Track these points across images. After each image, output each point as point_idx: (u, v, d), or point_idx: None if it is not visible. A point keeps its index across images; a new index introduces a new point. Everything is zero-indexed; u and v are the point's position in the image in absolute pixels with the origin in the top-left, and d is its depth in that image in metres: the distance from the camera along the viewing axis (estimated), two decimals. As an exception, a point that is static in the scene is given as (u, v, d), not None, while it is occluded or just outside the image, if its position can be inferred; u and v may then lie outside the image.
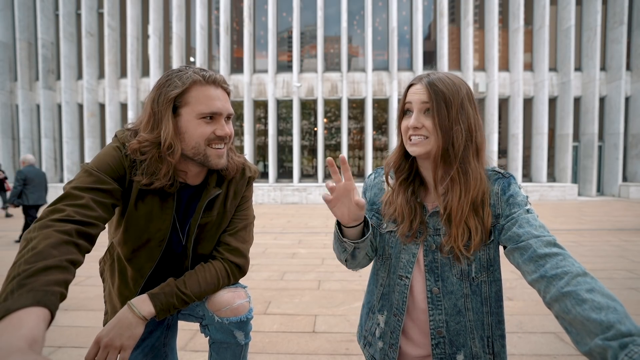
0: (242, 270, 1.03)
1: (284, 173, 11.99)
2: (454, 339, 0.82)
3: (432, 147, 0.79)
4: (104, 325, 1.00)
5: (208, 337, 1.04)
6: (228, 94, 0.97)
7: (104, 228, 0.82)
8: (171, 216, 0.95)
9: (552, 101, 11.48)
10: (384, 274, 0.91)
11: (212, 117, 0.90)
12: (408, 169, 0.88)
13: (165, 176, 0.89)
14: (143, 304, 0.85)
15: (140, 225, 0.93)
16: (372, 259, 0.95)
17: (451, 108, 0.78)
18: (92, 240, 0.76)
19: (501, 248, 0.82)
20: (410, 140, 0.81)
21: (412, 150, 0.81)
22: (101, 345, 0.80)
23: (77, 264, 0.68)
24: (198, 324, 1.08)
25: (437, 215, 0.83)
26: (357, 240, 0.82)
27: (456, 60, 11.59)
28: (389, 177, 0.91)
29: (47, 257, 0.63)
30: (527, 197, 0.79)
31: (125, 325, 0.82)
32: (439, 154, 0.79)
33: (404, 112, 0.85)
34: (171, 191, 0.93)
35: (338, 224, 0.84)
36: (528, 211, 0.75)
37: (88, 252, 0.74)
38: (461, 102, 0.79)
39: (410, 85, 0.84)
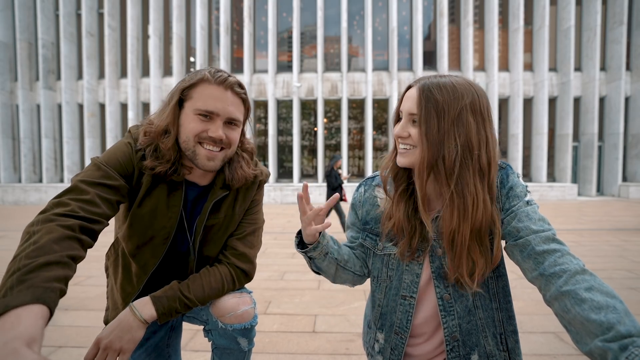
0: (248, 275, 1.02)
1: (284, 173, 11.99)
2: (467, 339, 0.80)
3: (417, 158, 0.75)
4: (104, 321, 1.01)
5: (211, 342, 1.03)
6: (242, 99, 0.94)
7: (107, 225, 0.82)
8: (177, 214, 0.94)
9: (552, 101, 11.48)
10: (380, 295, 0.88)
11: (209, 116, 0.89)
12: (407, 178, 0.83)
13: (168, 162, 0.90)
14: (145, 307, 0.84)
15: (145, 221, 0.92)
16: (359, 277, 0.92)
17: (443, 118, 0.71)
18: (94, 236, 0.75)
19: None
20: (398, 148, 0.79)
21: (398, 160, 0.78)
22: (101, 346, 0.80)
23: (78, 259, 0.68)
24: (201, 326, 1.07)
25: (439, 220, 0.80)
26: (306, 250, 0.84)
27: (456, 61, 11.60)
28: (387, 186, 0.86)
29: (49, 252, 0.62)
30: (526, 186, 0.77)
31: (126, 328, 0.81)
32: (424, 166, 0.73)
33: (398, 116, 0.81)
34: (174, 179, 0.92)
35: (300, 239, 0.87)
36: (528, 203, 0.73)
37: (90, 247, 0.73)
38: (459, 113, 0.70)
39: (407, 88, 0.79)
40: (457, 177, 0.71)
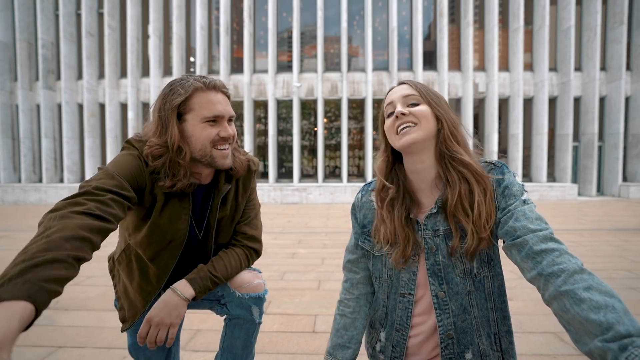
0: (258, 253, 1.17)
1: (284, 173, 11.99)
2: (461, 337, 0.81)
3: (425, 132, 0.78)
4: (120, 320, 1.09)
5: (225, 316, 1.15)
6: (228, 97, 1.04)
7: (116, 228, 0.84)
8: (189, 216, 1.03)
9: (552, 101, 11.48)
10: (384, 296, 0.89)
11: (215, 120, 0.98)
12: (396, 183, 0.85)
13: (185, 177, 0.98)
14: (185, 288, 0.96)
15: (164, 228, 1.00)
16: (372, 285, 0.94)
17: (433, 100, 0.81)
18: (105, 236, 0.77)
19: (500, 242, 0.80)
20: (398, 133, 0.79)
21: (404, 140, 0.78)
22: (152, 324, 0.91)
23: (83, 261, 0.68)
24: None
25: (435, 216, 0.81)
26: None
27: (456, 60, 11.59)
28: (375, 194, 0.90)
29: (57, 249, 0.63)
30: (522, 185, 0.77)
31: (172, 306, 0.93)
32: (432, 134, 0.79)
33: (385, 117, 0.85)
34: (188, 191, 1.00)
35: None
36: (524, 202, 0.73)
37: (97, 249, 0.74)
38: (442, 101, 0.82)
39: (389, 91, 0.86)
40: (464, 142, 0.80)
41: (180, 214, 1.01)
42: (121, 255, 1.08)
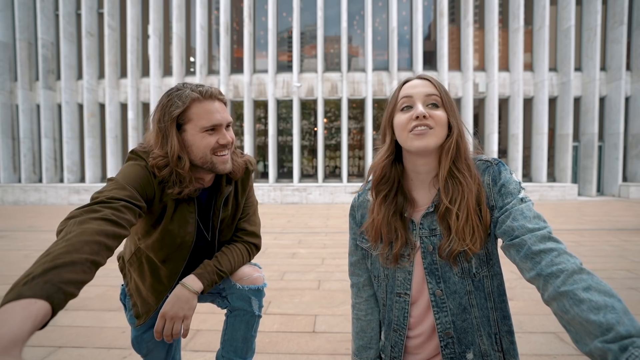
0: (258, 248, 1.24)
1: (284, 173, 11.99)
2: (462, 337, 0.81)
3: (439, 139, 0.77)
4: (134, 316, 1.15)
5: (226, 310, 1.20)
6: (224, 103, 1.07)
7: (130, 233, 0.87)
8: (195, 219, 1.08)
9: (552, 101, 11.48)
10: (383, 295, 0.89)
11: (214, 128, 1.01)
12: (392, 180, 0.84)
13: (191, 183, 1.02)
14: (194, 282, 1.02)
15: (175, 233, 1.05)
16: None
17: (450, 105, 0.80)
18: (120, 242, 0.79)
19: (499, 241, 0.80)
20: (411, 132, 0.78)
21: (418, 144, 0.77)
22: (167, 318, 0.96)
23: (99, 265, 0.70)
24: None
25: (432, 215, 0.80)
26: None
27: (456, 60, 11.59)
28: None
29: (76, 252, 0.65)
30: (519, 182, 0.76)
31: (184, 300, 0.98)
32: (453, 146, 0.77)
33: (395, 109, 0.83)
34: (194, 196, 1.06)
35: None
36: (522, 200, 0.72)
37: (111, 255, 0.75)
38: (455, 106, 0.81)
39: (405, 81, 0.83)
40: (466, 154, 0.79)
41: (187, 217, 1.06)
42: (132, 257, 1.13)
